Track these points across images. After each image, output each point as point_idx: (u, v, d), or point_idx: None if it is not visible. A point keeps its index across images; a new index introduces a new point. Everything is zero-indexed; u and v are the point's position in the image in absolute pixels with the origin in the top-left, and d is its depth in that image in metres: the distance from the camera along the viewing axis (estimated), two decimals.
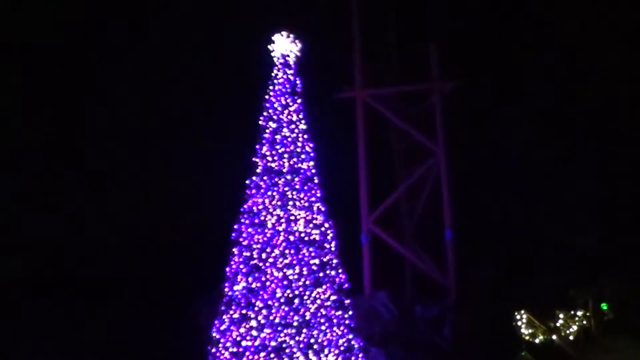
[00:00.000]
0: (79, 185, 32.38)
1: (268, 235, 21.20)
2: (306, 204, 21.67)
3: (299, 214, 21.44)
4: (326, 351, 20.35)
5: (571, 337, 27.63)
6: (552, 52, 32.60)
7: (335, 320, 20.79)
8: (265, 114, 22.55)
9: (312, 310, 20.54)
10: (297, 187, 21.73)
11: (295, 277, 20.75)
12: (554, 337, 27.75)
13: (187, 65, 33.41)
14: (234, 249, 21.44)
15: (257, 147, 22.25)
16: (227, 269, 21.39)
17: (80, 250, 31.21)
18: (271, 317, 20.33)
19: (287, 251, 21.00)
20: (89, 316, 29.50)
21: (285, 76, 22.90)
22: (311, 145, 22.44)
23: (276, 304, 20.47)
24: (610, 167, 30.69)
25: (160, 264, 30.36)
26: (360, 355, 21.04)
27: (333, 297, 21.01)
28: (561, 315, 27.77)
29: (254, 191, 21.78)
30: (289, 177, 21.79)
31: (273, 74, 22.98)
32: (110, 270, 30.46)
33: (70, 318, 29.31)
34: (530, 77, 32.94)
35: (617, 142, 31.17)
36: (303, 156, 22.15)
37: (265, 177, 21.80)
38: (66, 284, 30.10)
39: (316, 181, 22.14)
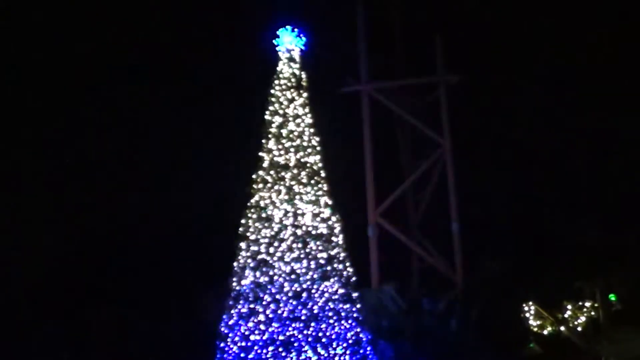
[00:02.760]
0: (84, 181, 32.43)
1: (275, 229, 21.25)
2: (313, 198, 21.72)
3: (306, 208, 21.47)
4: (334, 344, 20.41)
5: (579, 328, 27.56)
6: (558, 45, 32.50)
7: (343, 314, 20.85)
8: (271, 108, 22.57)
9: (320, 304, 20.59)
10: (303, 181, 21.76)
11: (303, 271, 20.80)
12: (562, 328, 27.69)
13: (193, 60, 33.40)
14: (241, 244, 21.49)
15: (263, 141, 22.28)
16: (235, 264, 21.45)
17: (86, 246, 31.27)
18: (279, 311, 20.39)
19: (294, 245, 21.05)
20: (96, 312, 29.57)
21: (290, 70, 22.91)
22: (317, 139, 22.46)
23: (284, 298, 20.52)
24: (616, 158, 30.61)
25: (168, 259, 30.40)
26: (368, 348, 21.09)
27: (341, 291, 21.05)
28: (569, 307, 27.69)
29: (260, 185, 21.82)
30: (295, 171, 21.82)
31: (278, 68, 23.00)
32: (117, 265, 30.51)
33: (77, 314, 29.38)
34: (536, 70, 32.83)
35: (623, 134, 31.08)
36: (309, 150, 22.18)
37: (271, 172, 21.84)
38: (72, 279, 30.17)
39: (322, 175, 22.16)
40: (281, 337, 20.23)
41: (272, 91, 22.75)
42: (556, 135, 31.98)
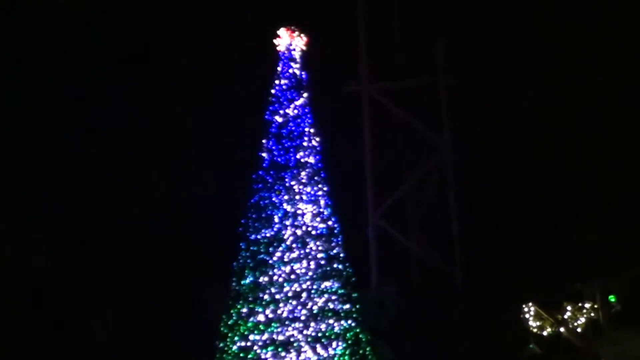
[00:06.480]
0: (83, 182, 32.40)
1: (275, 229, 21.22)
2: (313, 198, 21.68)
3: (306, 208, 21.45)
4: (334, 345, 20.37)
5: (579, 330, 27.52)
6: (557, 46, 32.50)
7: (342, 314, 20.81)
8: (271, 108, 22.56)
9: (319, 304, 20.55)
10: (303, 181, 21.74)
11: (303, 271, 20.77)
12: (562, 329, 27.66)
13: (193, 61, 33.41)
14: (240, 244, 21.48)
15: (264, 141, 22.27)
16: (234, 264, 21.43)
17: (85, 247, 31.25)
18: (279, 311, 20.35)
19: (294, 245, 21.02)
20: (95, 313, 29.57)
21: (290, 70, 22.89)
22: (317, 139, 22.44)
23: (283, 298, 20.49)
24: (617, 159, 30.61)
25: (167, 259, 30.40)
26: (367, 348, 21.05)
27: (340, 291, 21.02)
28: (569, 308, 27.65)
29: (260, 186, 21.80)
30: (295, 171, 21.80)
31: (279, 69, 22.98)
32: (116, 265, 30.51)
33: (76, 314, 29.38)
34: (536, 71, 32.82)
35: (623, 135, 31.09)
36: (309, 150, 22.15)
37: (271, 172, 21.82)
38: (71, 280, 30.16)
39: (323, 175, 22.15)
40: (280, 337, 20.19)
41: (272, 91, 22.73)
42: (556, 136, 31.98)
